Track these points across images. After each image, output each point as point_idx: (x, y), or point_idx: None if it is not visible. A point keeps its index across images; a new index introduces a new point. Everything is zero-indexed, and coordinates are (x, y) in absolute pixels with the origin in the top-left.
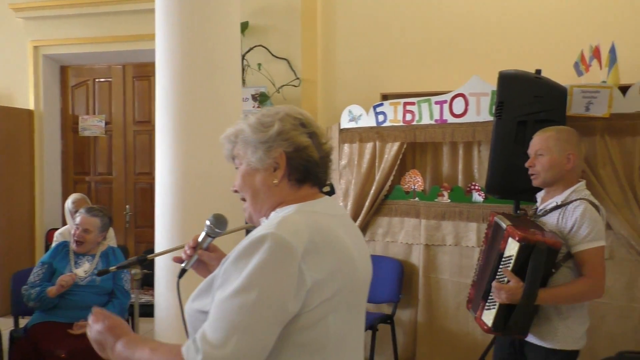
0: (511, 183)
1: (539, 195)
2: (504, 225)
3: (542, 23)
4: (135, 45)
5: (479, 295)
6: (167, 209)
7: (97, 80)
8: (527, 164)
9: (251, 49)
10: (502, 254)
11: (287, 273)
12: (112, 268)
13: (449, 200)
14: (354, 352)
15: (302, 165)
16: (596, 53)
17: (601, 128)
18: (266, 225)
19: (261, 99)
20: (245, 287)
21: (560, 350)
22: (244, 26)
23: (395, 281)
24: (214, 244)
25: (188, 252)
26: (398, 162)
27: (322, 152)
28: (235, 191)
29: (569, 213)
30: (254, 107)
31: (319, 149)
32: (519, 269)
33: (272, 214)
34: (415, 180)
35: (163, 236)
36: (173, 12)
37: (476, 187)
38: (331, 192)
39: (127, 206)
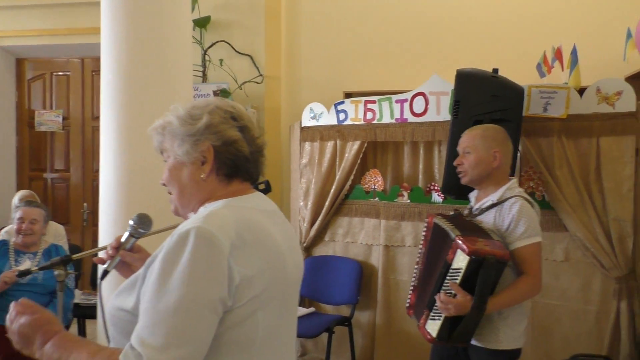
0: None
1: (472, 195)
2: (452, 235)
3: (504, 23)
4: (95, 39)
5: (422, 303)
6: (112, 207)
7: (54, 73)
8: (455, 162)
9: (213, 44)
10: (450, 265)
11: (218, 267)
12: (34, 269)
13: (409, 201)
14: (284, 348)
15: (231, 160)
16: (558, 54)
17: (558, 129)
18: (192, 219)
19: (222, 95)
20: (178, 286)
21: (504, 350)
22: (206, 21)
23: (354, 283)
24: (138, 244)
25: (110, 252)
26: (359, 161)
27: (254, 147)
28: (164, 184)
29: (505, 211)
30: None
31: (251, 143)
32: (467, 281)
33: (201, 209)
34: (375, 180)
35: (107, 234)
36: (118, 5)
37: (436, 188)
38: (267, 190)
39: (85, 204)
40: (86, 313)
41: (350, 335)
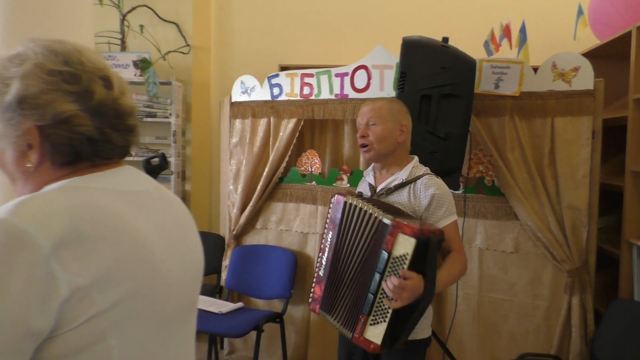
0: None
1: (368, 173)
2: (387, 221)
3: None
4: None
5: (353, 308)
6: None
7: None
8: (359, 134)
9: (134, 8)
10: (390, 254)
11: (21, 277)
12: None
13: (349, 185)
14: None
15: (66, 145)
16: (507, 31)
17: (510, 108)
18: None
19: (142, 65)
20: None
21: (418, 340)
22: None
23: (287, 275)
24: None
25: None
26: (294, 141)
27: (111, 114)
28: None
29: (420, 190)
30: (135, 75)
31: (102, 112)
32: (412, 267)
33: None
34: (312, 162)
35: None
36: None
37: None
38: (161, 166)
39: None
40: None
41: (282, 332)
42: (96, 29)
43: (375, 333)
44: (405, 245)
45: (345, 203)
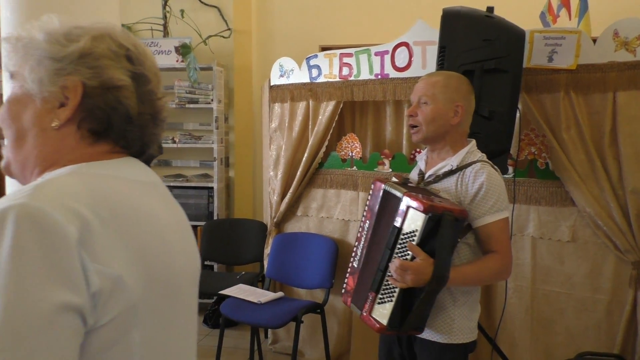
0: None
1: (421, 158)
2: (399, 194)
3: None
4: None
5: (366, 286)
6: None
7: None
8: (407, 112)
9: None
10: (400, 229)
11: (62, 264)
12: None
13: (391, 170)
14: None
15: (104, 112)
16: (565, 1)
17: (566, 83)
18: (14, 193)
19: (183, 51)
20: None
21: (458, 344)
22: None
23: (329, 264)
24: None
25: None
26: (334, 124)
27: (147, 108)
28: None
29: (468, 179)
30: (177, 61)
31: (144, 100)
32: (422, 245)
33: (38, 179)
34: (353, 146)
35: None
36: None
37: None
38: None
39: None
40: None
41: (323, 323)
42: (139, 15)
43: (382, 312)
44: (415, 221)
45: (383, 191)
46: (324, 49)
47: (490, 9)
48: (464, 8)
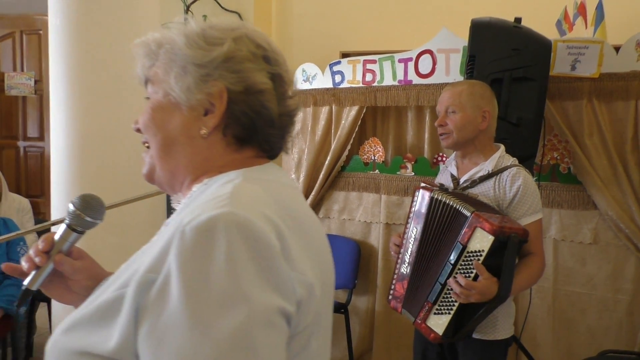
0: None
1: (450, 164)
2: (467, 213)
3: None
4: None
5: (421, 295)
6: (63, 178)
7: (24, 32)
8: (437, 123)
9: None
10: (465, 247)
11: (274, 273)
12: None
13: (413, 174)
14: None
15: (249, 118)
16: (581, 9)
17: (589, 90)
18: (202, 203)
19: None
20: (225, 306)
21: (501, 340)
22: None
23: (351, 265)
24: (78, 247)
25: (37, 260)
26: (357, 128)
27: (284, 109)
28: (138, 130)
29: (506, 183)
30: None
31: (281, 102)
32: (486, 265)
33: (197, 186)
34: (375, 150)
35: (59, 209)
36: None
37: (444, 159)
38: None
39: None
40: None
41: (346, 323)
42: (161, 20)
43: (438, 323)
44: (482, 241)
45: (432, 198)
46: (344, 54)
47: (518, 20)
48: (493, 19)
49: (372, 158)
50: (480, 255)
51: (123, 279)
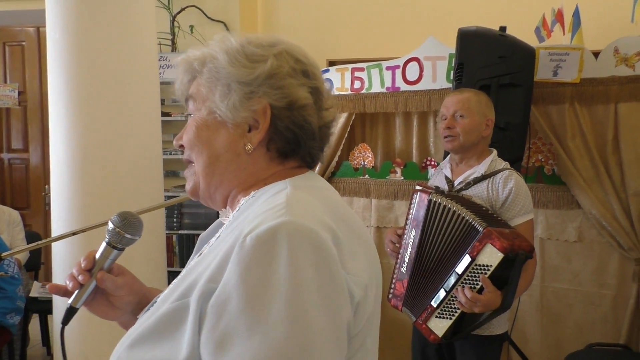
0: None
1: (444, 167)
2: (480, 228)
3: None
4: None
5: (424, 297)
6: (64, 190)
7: (7, 44)
8: (445, 125)
9: (183, 9)
10: (474, 260)
11: (335, 280)
12: None
13: (402, 178)
14: None
15: (293, 133)
16: (559, 16)
17: (570, 95)
18: (260, 213)
19: None
20: (290, 317)
21: (497, 335)
22: None
23: None
24: (118, 263)
25: (80, 278)
26: (346, 135)
27: (322, 121)
28: (181, 147)
29: (498, 184)
30: None
31: (320, 114)
32: (493, 277)
33: (244, 199)
34: (365, 156)
35: (60, 223)
36: None
37: (432, 163)
38: None
39: (47, 187)
40: (47, 308)
41: None
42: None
43: (439, 326)
44: (491, 257)
45: (430, 201)
46: (331, 62)
47: (502, 29)
48: (479, 28)
49: (362, 163)
50: (488, 270)
51: (180, 290)
